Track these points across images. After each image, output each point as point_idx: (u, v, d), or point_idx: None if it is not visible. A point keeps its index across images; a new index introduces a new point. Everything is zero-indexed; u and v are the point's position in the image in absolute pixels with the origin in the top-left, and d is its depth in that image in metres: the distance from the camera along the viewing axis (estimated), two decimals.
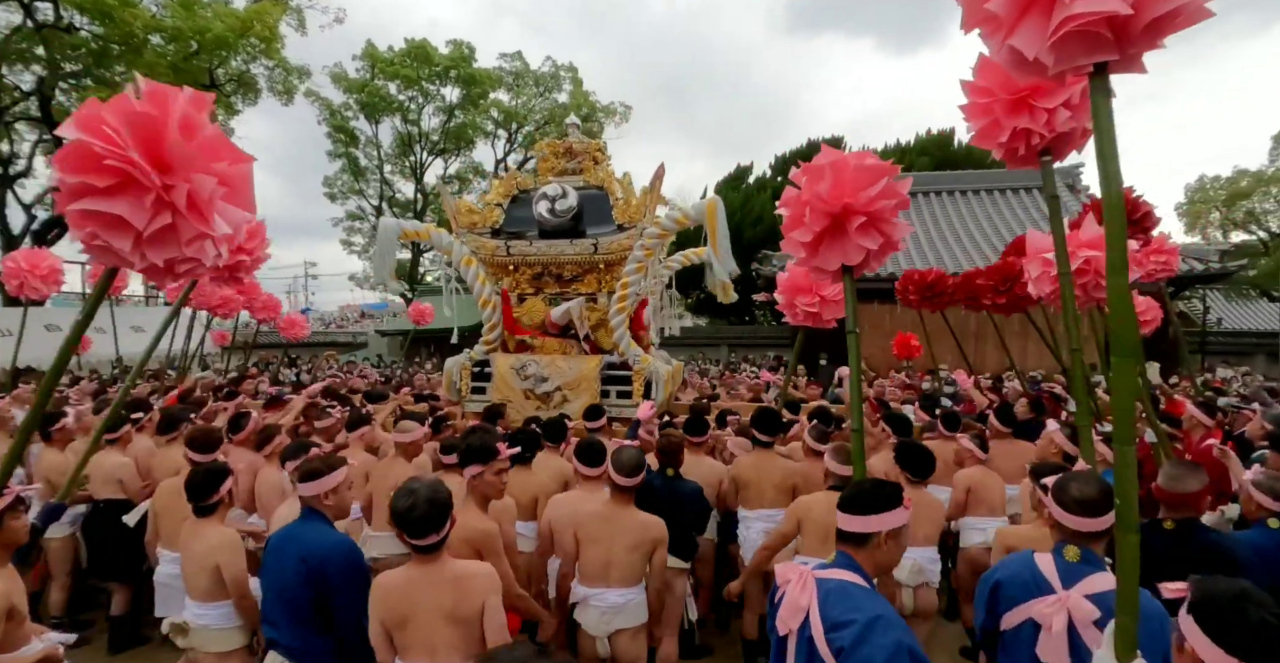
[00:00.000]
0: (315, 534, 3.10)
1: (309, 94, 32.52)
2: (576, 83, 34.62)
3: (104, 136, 2.03)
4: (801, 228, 2.96)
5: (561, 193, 6.79)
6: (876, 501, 2.25)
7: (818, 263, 3.02)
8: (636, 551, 3.58)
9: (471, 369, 7.02)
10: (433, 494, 2.63)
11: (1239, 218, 29.91)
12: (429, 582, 2.64)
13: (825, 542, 3.83)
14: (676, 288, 9.01)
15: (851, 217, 2.85)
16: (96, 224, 2.09)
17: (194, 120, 2.19)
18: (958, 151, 31.27)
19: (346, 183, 35.44)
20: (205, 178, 2.17)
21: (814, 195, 2.88)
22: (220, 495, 3.49)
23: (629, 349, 6.72)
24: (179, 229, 2.16)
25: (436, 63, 32.43)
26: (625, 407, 6.67)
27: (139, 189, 2.08)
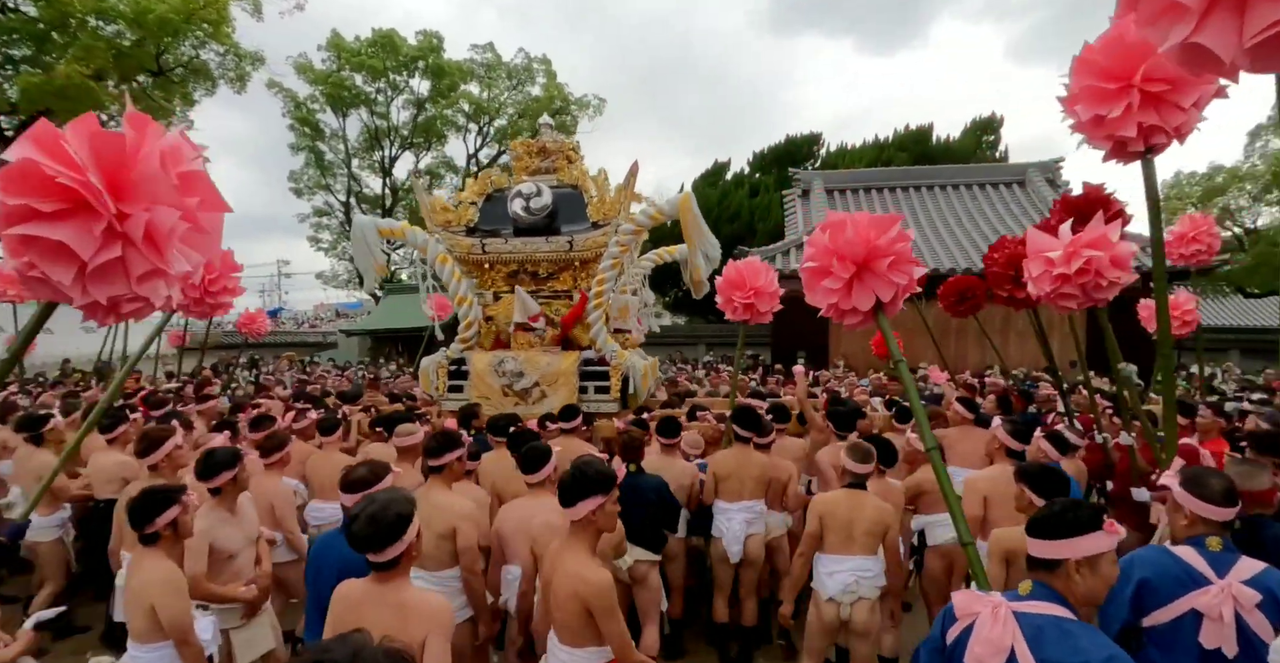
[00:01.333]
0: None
1: (272, 85, 32.33)
2: (550, 75, 34.74)
3: (60, 155, 1.84)
4: (831, 276, 3.26)
5: (536, 191, 6.99)
6: (1067, 524, 2.12)
7: (853, 304, 3.28)
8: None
9: (448, 367, 7.20)
10: (379, 510, 2.53)
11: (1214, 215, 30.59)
12: (375, 601, 2.55)
13: (849, 539, 4.10)
14: (653, 287, 9.25)
15: (879, 258, 3.18)
16: (36, 251, 1.86)
17: (177, 155, 2.03)
18: (935, 147, 31.79)
19: (313, 177, 35.28)
20: (169, 210, 1.97)
21: (842, 244, 3.20)
22: (160, 525, 3.14)
23: (606, 345, 6.94)
24: (129, 263, 1.96)
25: (404, 53, 32.40)
26: (603, 402, 6.90)
27: (89, 215, 1.87)
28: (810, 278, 3.39)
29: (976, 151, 31.65)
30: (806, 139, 35.13)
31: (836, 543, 4.12)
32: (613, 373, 6.91)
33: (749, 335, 6.65)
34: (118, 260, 1.93)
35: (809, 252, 3.35)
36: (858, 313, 3.32)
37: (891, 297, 3.26)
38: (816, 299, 3.39)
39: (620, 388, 6.91)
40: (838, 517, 4.10)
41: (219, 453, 3.91)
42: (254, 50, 24.32)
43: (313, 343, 32.35)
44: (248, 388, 11.89)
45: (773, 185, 29.64)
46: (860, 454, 4.20)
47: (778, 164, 31.78)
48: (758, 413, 5.40)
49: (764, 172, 33.13)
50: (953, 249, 19.35)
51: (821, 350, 19.33)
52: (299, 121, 33.61)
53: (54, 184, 1.81)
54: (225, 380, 11.26)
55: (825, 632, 4.18)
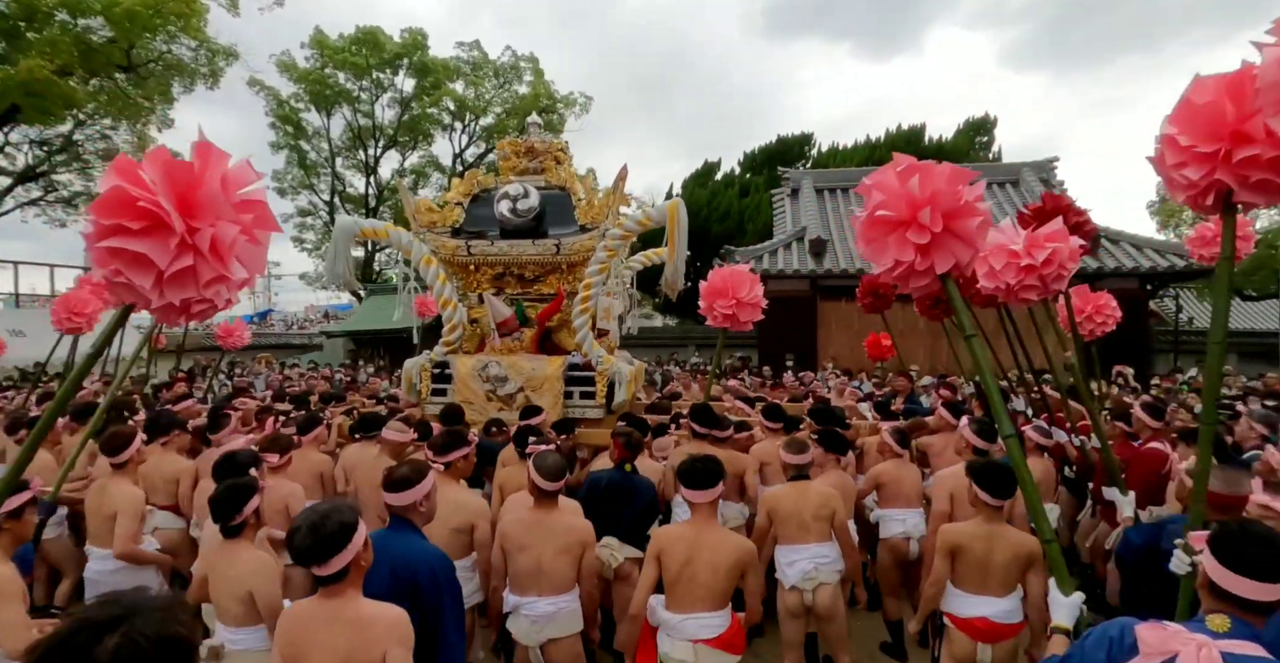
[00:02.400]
0: (406, 545, 3.04)
1: (254, 83, 32.16)
2: (537, 74, 34.67)
3: (138, 183, 2.31)
4: (915, 229, 2.90)
5: (523, 192, 7.02)
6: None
7: (931, 264, 2.95)
8: (565, 555, 3.72)
9: (431, 371, 7.22)
10: (320, 520, 2.46)
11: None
12: (327, 619, 2.48)
13: (802, 528, 4.33)
14: (644, 288, 9.30)
15: (968, 216, 2.90)
16: (122, 261, 2.34)
17: (237, 178, 2.50)
18: (928, 147, 31.80)
19: (297, 177, 35.08)
20: (230, 226, 2.43)
21: (929, 194, 2.86)
22: (246, 515, 3.36)
23: (592, 350, 6.97)
24: (198, 271, 2.41)
25: (388, 50, 32.30)
26: (588, 408, 6.93)
27: (164, 231, 2.33)
28: (876, 228, 3.03)
29: (970, 152, 31.78)
30: (798, 139, 35.20)
31: (791, 533, 4.37)
32: (598, 379, 6.94)
33: (736, 336, 6.77)
34: (189, 269, 2.39)
35: (879, 198, 2.97)
36: (929, 276, 3.00)
37: (968, 261, 3.01)
38: (882, 254, 3.02)
39: (606, 394, 6.94)
40: (785, 509, 4.38)
41: (241, 455, 4.24)
42: (228, 45, 24.18)
43: (298, 345, 32.19)
44: (222, 391, 11.82)
45: (763, 185, 29.67)
46: (795, 447, 4.53)
47: (769, 164, 31.84)
48: (712, 410, 5.78)
49: (755, 172, 33.15)
50: None
51: (810, 352, 19.40)
52: (280, 120, 33.41)
53: (136, 206, 2.29)
54: (206, 384, 11.25)
55: (793, 619, 4.39)
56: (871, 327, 15.00)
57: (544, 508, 3.80)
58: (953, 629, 3.76)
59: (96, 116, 23.85)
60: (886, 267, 3.03)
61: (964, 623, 3.71)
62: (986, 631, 3.66)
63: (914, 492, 5.32)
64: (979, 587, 3.70)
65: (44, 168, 25.13)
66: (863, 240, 3.10)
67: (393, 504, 3.15)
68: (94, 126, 24.55)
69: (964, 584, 3.74)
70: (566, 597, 3.75)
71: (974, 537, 3.71)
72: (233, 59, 24.71)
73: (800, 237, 20.37)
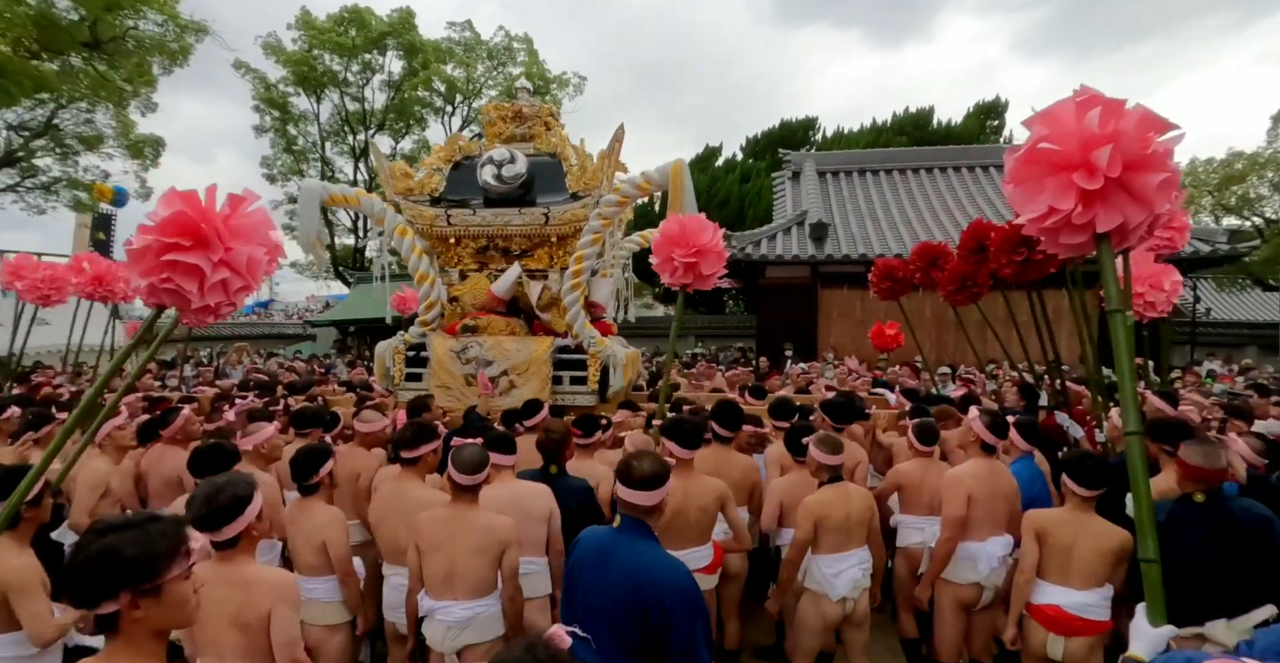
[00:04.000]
0: (641, 551, 2.70)
1: (239, 65, 31.60)
2: (531, 54, 34.06)
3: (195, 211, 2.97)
4: (1084, 172, 2.48)
5: (509, 157, 6.44)
6: None
7: (1093, 218, 2.55)
8: (483, 555, 3.44)
9: (405, 353, 6.65)
10: (214, 492, 2.71)
11: (1231, 203, 30.32)
12: (220, 581, 2.68)
13: (847, 536, 4.00)
14: (644, 276, 8.75)
15: (1153, 169, 2.47)
16: (176, 271, 2.96)
17: (260, 215, 3.21)
18: (936, 131, 31.42)
19: (287, 163, 34.51)
20: (258, 248, 3.14)
21: (1108, 134, 2.43)
22: (321, 476, 3.83)
23: (584, 331, 6.41)
24: (229, 282, 3.08)
25: (374, 30, 31.63)
26: (579, 394, 6.38)
27: (210, 248, 2.99)
28: (1034, 165, 2.61)
29: (980, 137, 31.20)
30: (802, 124, 34.60)
31: (837, 542, 4.00)
32: (590, 363, 6.39)
33: (736, 327, 6.20)
34: (225, 280, 3.07)
35: (1043, 131, 2.56)
36: (1085, 232, 2.59)
37: (1137, 224, 2.56)
38: (1035, 199, 2.62)
39: (599, 379, 6.38)
40: (834, 517, 3.96)
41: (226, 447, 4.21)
42: (197, 21, 23.35)
43: (291, 335, 31.87)
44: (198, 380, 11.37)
45: (764, 171, 29.08)
46: (829, 445, 4.06)
47: (771, 149, 31.23)
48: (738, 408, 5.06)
49: (757, 157, 32.51)
50: (953, 234, 18.68)
51: (810, 341, 18.90)
52: (265, 103, 32.78)
53: (194, 228, 2.97)
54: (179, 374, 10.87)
55: (826, 630, 4.15)
56: (875, 315, 14.51)
57: (462, 504, 3.53)
58: (1026, 618, 3.75)
59: (74, 99, 23.24)
60: (1036, 214, 2.60)
61: (1035, 610, 3.70)
62: (1058, 620, 3.60)
63: (939, 498, 4.65)
64: (1060, 577, 3.64)
65: (21, 153, 24.46)
66: (1013, 179, 2.67)
67: (636, 503, 2.74)
68: (71, 110, 23.94)
69: (1045, 573, 3.69)
70: (485, 601, 3.49)
71: (1060, 523, 3.67)
72: (203, 35, 23.77)
73: (801, 221, 19.82)
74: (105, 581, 1.76)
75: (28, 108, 22.59)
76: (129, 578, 1.78)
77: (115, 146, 25.38)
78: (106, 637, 1.85)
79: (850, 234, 19.29)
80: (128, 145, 25.36)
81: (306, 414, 5.41)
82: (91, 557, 1.76)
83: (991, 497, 4.15)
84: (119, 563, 1.77)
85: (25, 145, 24.31)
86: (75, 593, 1.83)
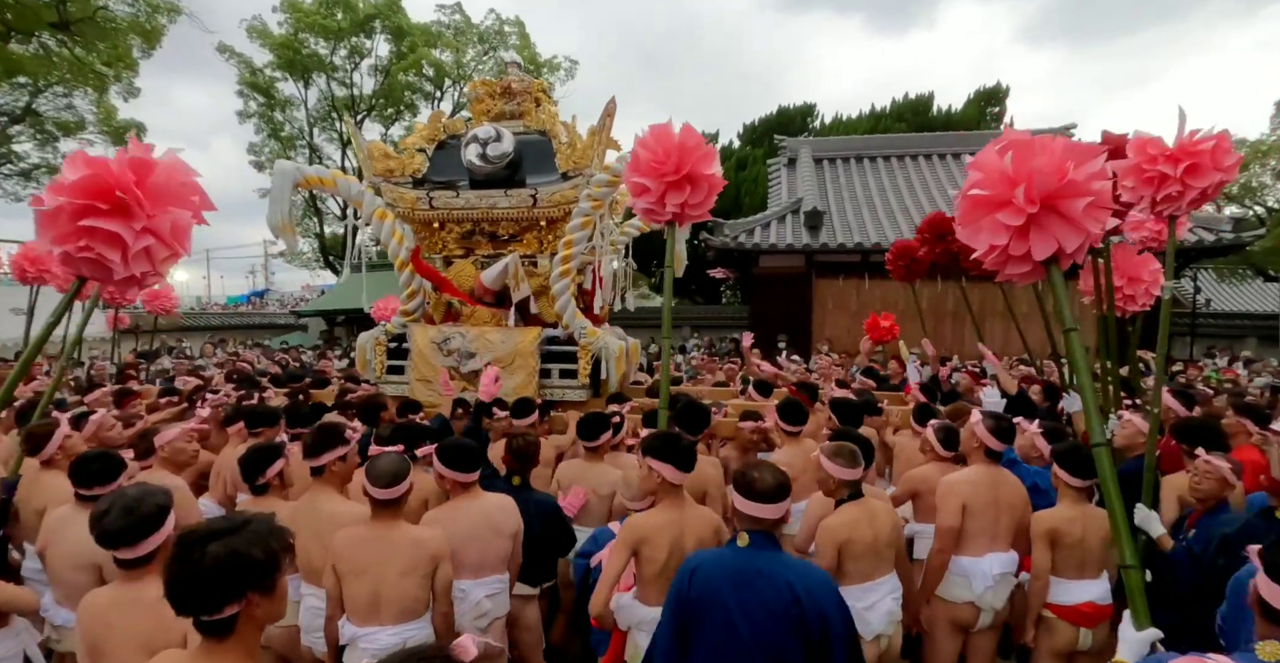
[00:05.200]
0: (789, 565, 2.60)
1: (223, 49, 31.05)
2: (523, 38, 33.55)
3: (108, 172, 2.85)
4: (1008, 210, 2.74)
5: (494, 135, 6.10)
6: None
7: (1028, 249, 2.78)
8: (413, 575, 3.15)
9: (387, 345, 6.34)
10: (134, 502, 2.52)
11: (1233, 191, 30.07)
12: (128, 604, 2.50)
13: (875, 562, 3.44)
14: (641, 266, 8.45)
15: (1074, 196, 2.68)
16: (94, 239, 2.85)
17: (179, 169, 3.05)
18: (936, 117, 31.15)
19: (275, 149, 33.84)
20: (184, 212, 3.03)
21: (1028, 171, 2.68)
22: (269, 477, 3.63)
23: (574, 321, 6.11)
24: (153, 250, 2.99)
25: (360, 11, 31.05)
26: (569, 389, 6.08)
27: (130, 215, 2.89)
28: (972, 209, 2.88)
29: (980, 123, 30.89)
30: (800, 110, 34.23)
31: (865, 570, 3.42)
32: (581, 354, 6.07)
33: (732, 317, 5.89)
34: (148, 248, 2.98)
35: (975, 176, 2.84)
36: (1028, 262, 2.83)
37: (1075, 247, 2.76)
38: (976, 238, 2.87)
39: (590, 372, 6.08)
40: (862, 541, 3.37)
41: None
42: (168, 0, 22.80)
43: (282, 325, 31.55)
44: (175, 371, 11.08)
45: (762, 158, 28.69)
46: (848, 457, 3.46)
47: (769, 137, 30.89)
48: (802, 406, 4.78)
49: (754, 145, 32.08)
50: None
51: (804, 334, 18.57)
52: (249, 87, 32.20)
53: (111, 193, 2.86)
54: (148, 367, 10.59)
55: None
56: (871, 305, 14.21)
57: (383, 521, 3.19)
58: (1054, 620, 3.65)
59: (50, 83, 22.83)
60: (982, 251, 2.89)
61: (1069, 611, 3.61)
62: (1093, 615, 3.60)
63: None
64: (1079, 571, 3.62)
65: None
66: (960, 222, 2.95)
67: (763, 516, 2.61)
68: (50, 94, 23.54)
69: (1064, 571, 3.63)
70: (415, 624, 3.18)
71: (1070, 520, 3.60)
72: (175, 15, 23.20)
73: (796, 209, 19.47)
74: (234, 583, 1.79)
75: (5, 92, 22.19)
76: (255, 579, 1.82)
77: (96, 132, 24.99)
78: (209, 636, 1.85)
79: (846, 222, 18.98)
80: (109, 131, 24.95)
81: (257, 412, 5.12)
82: (217, 562, 1.77)
83: (991, 507, 3.81)
84: (247, 565, 1.80)
85: (3, 131, 23.89)
86: (194, 601, 1.80)
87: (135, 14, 22.55)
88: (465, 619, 3.48)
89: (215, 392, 6.43)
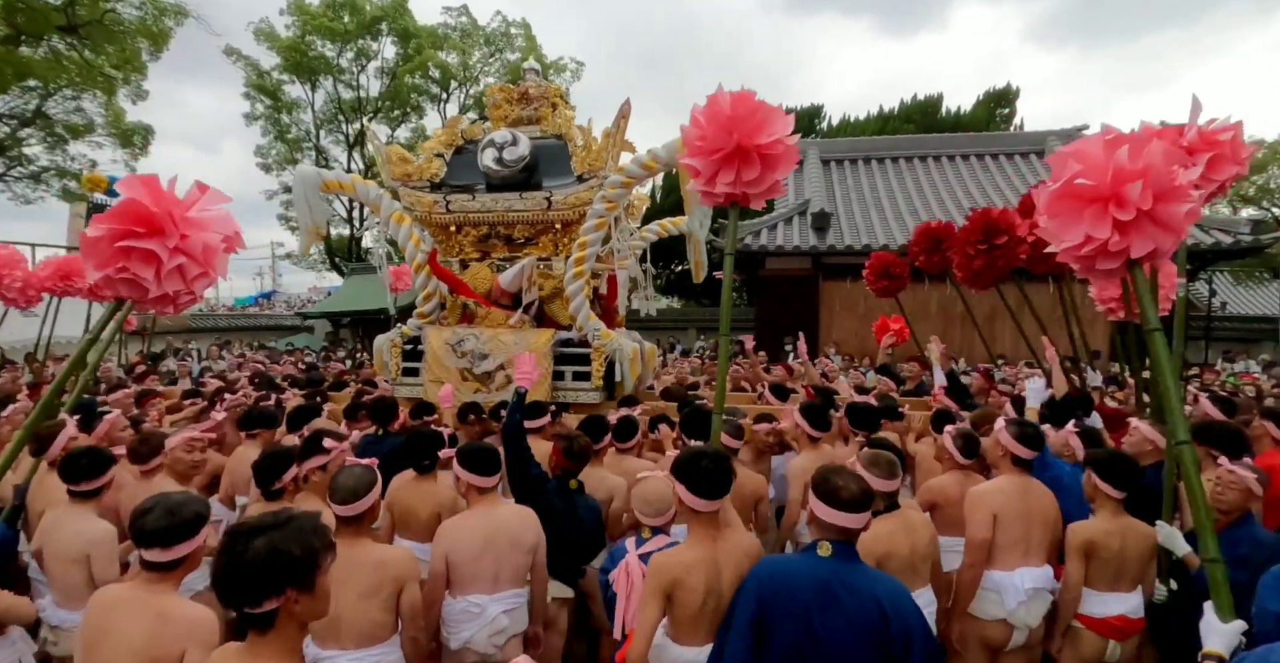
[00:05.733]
0: (874, 577, 2.60)
1: (230, 52, 31.28)
2: (529, 40, 33.69)
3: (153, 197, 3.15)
4: (1119, 205, 2.70)
5: (511, 139, 6.17)
6: None
7: (1126, 246, 2.75)
8: (374, 597, 2.97)
9: (403, 346, 6.41)
10: (176, 505, 2.52)
11: (1250, 193, 29.96)
12: (135, 607, 2.46)
13: (912, 575, 3.33)
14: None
15: (1180, 200, 2.68)
16: (131, 258, 3.11)
17: (215, 199, 3.36)
18: (945, 119, 31.13)
19: (281, 151, 34.11)
20: (214, 235, 3.29)
21: (1138, 170, 2.65)
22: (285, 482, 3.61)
23: (588, 323, 6.15)
24: (186, 269, 3.23)
25: (366, 14, 31.30)
26: (583, 391, 6.12)
27: (165, 236, 3.14)
28: (1069, 201, 2.84)
29: (990, 125, 30.90)
30: (807, 112, 34.25)
31: None
32: (594, 357, 6.10)
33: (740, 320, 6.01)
34: (180, 267, 3.22)
35: (1076, 167, 2.78)
36: (1118, 259, 2.79)
37: (1167, 248, 2.79)
38: (1072, 229, 2.83)
39: (604, 375, 6.10)
40: (900, 554, 3.31)
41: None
42: (178, 3, 22.95)
43: (289, 326, 31.63)
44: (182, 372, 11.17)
45: None
46: (885, 467, 3.33)
47: None
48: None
49: None
50: (960, 223, 18.33)
51: (811, 335, 18.42)
52: (256, 90, 32.42)
53: (147, 216, 3.15)
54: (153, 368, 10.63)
55: None
56: (879, 308, 14.19)
57: (345, 538, 2.89)
58: (1083, 631, 3.58)
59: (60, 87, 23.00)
60: (1073, 244, 2.83)
61: (1100, 623, 3.55)
62: (1124, 628, 3.54)
63: None
64: (1112, 584, 3.54)
65: (9, 142, 24.20)
66: (1049, 212, 2.91)
67: (848, 526, 2.56)
68: (59, 97, 23.71)
69: (1096, 583, 3.56)
70: (378, 650, 3.01)
71: (1108, 533, 3.50)
72: (183, 18, 23.32)
73: (803, 210, 19.43)
74: (273, 578, 1.86)
75: (15, 95, 22.35)
76: (295, 575, 1.88)
77: (104, 135, 25.17)
78: (254, 629, 1.94)
79: (854, 224, 18.96)
80: (117, 133, 25.12)
81: (253, 415, 5.19)
82: (258, 556, 1.84)
83: (1022, 519, 3.69)
84: (286, 562, 1.87)
85: (13, 134, 24.06)
86: (236, 593, 1.87)
87: (143, 17, 22.71)
88: (480, 636, 3.37)
89: (233, 393, 6.52)
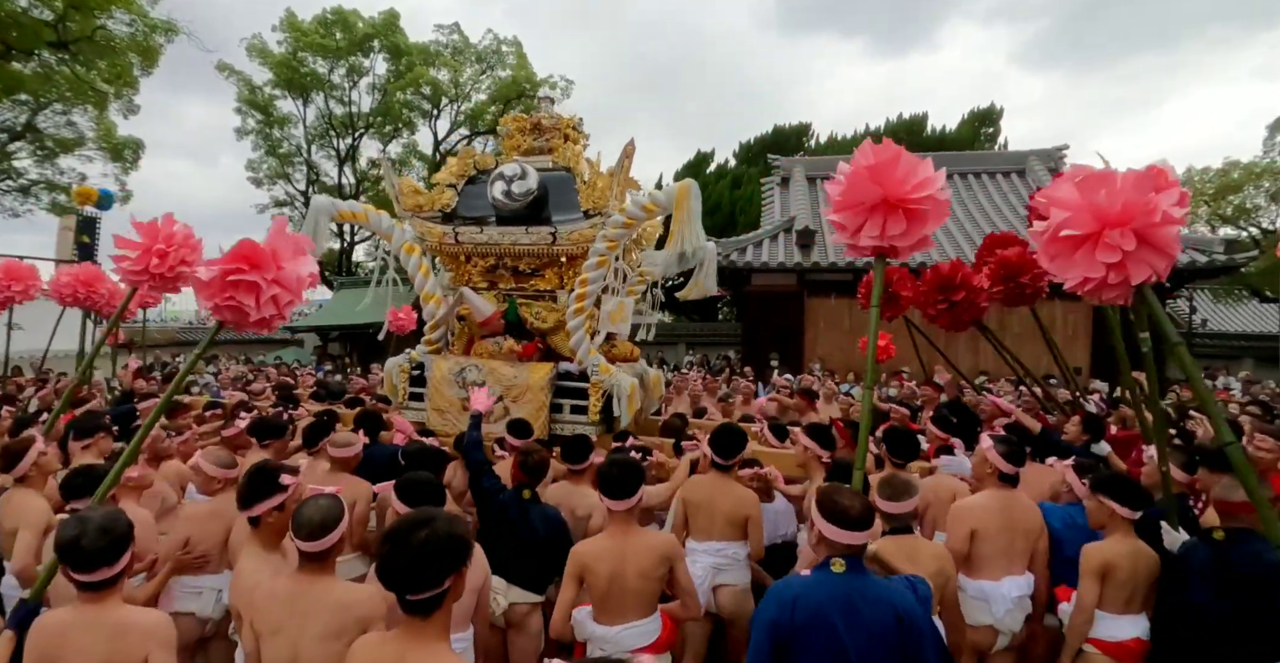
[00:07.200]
0: (888, 587, 2.74)
1: (222, 68, 31.42)
2: (520, 57, 33.94)
3: (254, 253, 3.52)
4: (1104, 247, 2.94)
5: (520, 173, 6.39)
6: None
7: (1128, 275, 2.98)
8: (336, 640, 2.66)
9: (410, 372, 6.69)
10: (108, 523, 2.58)
11: (1228, 213, 30.58)
12: (87, 626, 2.54)
13: None
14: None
15: (1165, 225, 2.90)
16: (239, 289, 3.47)
17: (301, 242, 3.71)
18: (929, 137, 31.56)
19: (272, 166, 34.29)
20: (302, 266, 3.66)
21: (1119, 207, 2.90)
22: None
23: (588, 357, 6.35)
24: (279, 297, 3.57)
25: (357, 32, 31.58)
26: (580, 424, 6.28)
27: (265, 270, 3.51)
28: (1061, 244, 3.07)
29: (974, 144, 31.46)
30: (795, 130, 34.77)
31: None
32: (592, 391, 6.27)
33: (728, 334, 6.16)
34: (275, 295, 3.56)
35: (1061, 216, 3.02)
36: (1122, 288, 3.05)
37: (1164, 268, 3.00)
38: (1070, 271, 3.08)
39: (603, 409, 6.26)
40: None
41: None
42: (167, 20, 23.18)
43: (278, 340, 31.63)
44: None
45: (757, 177, 29.18)
46: (897, 489, 3.50)
47: (764, 155, 31.43)
48: (741, 436, 4.64)
49: (750, 164, 32.61)
50: (944, 244, 18.75)
51: (796, 351, 18.89)
52: (248, 105, 32.60)
53: (252, 256, 3.51)
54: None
55: None
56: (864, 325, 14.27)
57: (308, 575, 2.78)
58: (1096, 655, 3.60)
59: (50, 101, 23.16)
60: (1075, 282, 3.08)
61: (1114, 647, 3.57)
62: (1138, 651, 3.56)
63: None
64: (1125, 606, 3.58)
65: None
66: (1045, 256, 3.15)
67: (854, 543, 2.72)
68: (49, 111, 23.87)
69: (1109, 606, 3.59)
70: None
71: (1122, 554, 3.55)
72: (173, 35, 23.48)
73: (788, 227, 19.84)
74: (452, 559, 2.15)
75: (6, 109, 22.49)
76: (464, 557, 2.20)
77: (95, 149, 25.32)
78: (414, 617, 2.18)
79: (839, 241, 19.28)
80: (108, 148, 25.28)
81: (264, 425, 5.39)
82: (439, 540, 2.13)
83: (1004, 532, 3.90)
84: (462, 545, 2.18)
85: (3, 148, 24.17)
86: (418, 576, 2.12)
87: (133, 33, 22.89)
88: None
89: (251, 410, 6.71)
